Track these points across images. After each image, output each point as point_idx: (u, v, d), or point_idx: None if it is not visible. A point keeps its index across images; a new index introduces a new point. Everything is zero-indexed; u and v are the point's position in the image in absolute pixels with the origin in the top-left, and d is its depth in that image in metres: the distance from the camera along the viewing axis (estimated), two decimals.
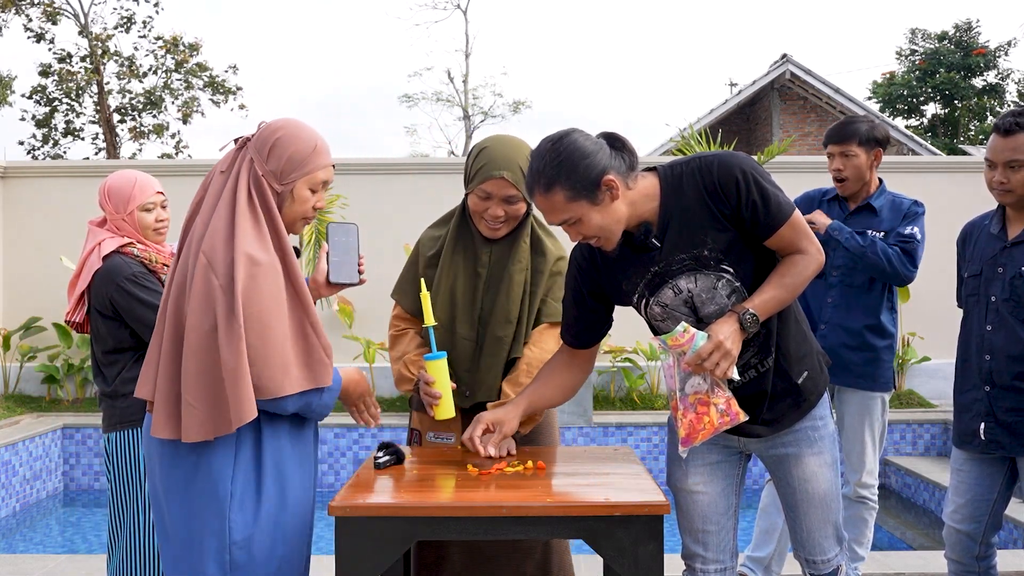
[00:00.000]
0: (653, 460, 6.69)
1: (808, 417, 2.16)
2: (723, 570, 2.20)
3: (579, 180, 1.91)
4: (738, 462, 2.24)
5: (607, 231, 1.98)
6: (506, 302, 2.44)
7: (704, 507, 2.19)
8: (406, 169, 8.27)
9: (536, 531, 1.88)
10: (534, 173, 1.95)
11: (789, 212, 1.99)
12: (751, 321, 1.96)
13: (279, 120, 2.02)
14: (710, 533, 2.19)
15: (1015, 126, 2.53)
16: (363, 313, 7.73)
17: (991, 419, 2.62)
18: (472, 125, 21.73)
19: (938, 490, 5.68)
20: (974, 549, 2.69)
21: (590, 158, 1.92)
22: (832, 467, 2.18)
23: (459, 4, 21.41)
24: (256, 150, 1.98)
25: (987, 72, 17.39)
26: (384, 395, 7.59)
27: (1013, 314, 2.59)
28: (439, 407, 2.32)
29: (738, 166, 1.96)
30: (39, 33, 16.22)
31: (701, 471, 2.19)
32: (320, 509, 2.07)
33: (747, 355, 2.07)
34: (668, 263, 2.02)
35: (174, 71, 16.98)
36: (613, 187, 1.94)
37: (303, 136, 1.99)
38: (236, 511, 1.91)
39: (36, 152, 17.10)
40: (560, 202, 1.93)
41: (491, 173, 2.37)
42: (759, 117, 17.03)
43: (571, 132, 1.96)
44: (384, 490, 2.01)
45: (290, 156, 1.97)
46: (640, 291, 2.08)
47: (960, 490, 2.72)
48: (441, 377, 2.32)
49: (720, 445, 2.18)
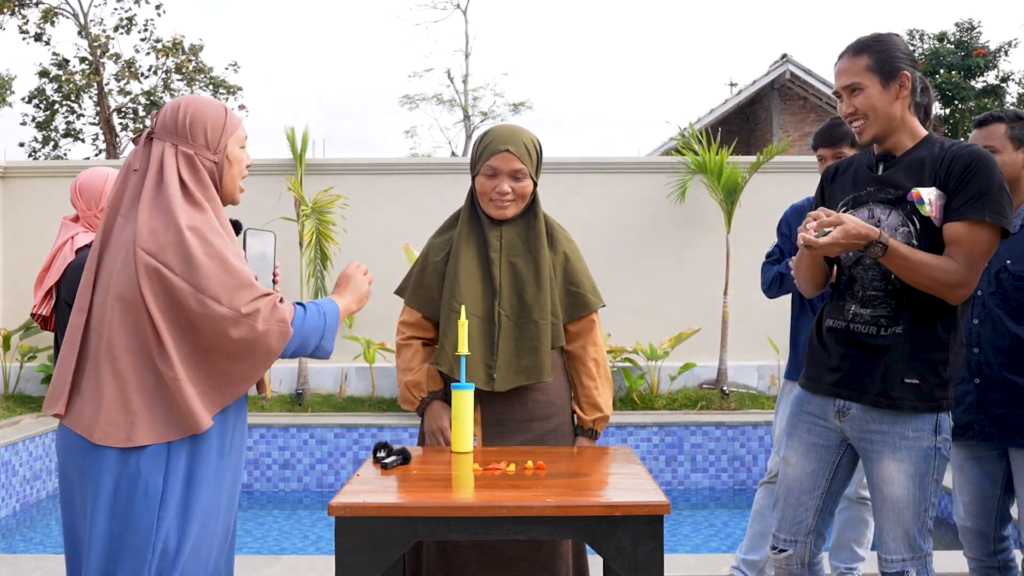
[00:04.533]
0: (653, 460, 6.69)
1: (902, 423, 2.21)
2: (792, 542, 2.33)
3: (885, 60, 2.23)
4: (837, 449, 2.32)
5: (874, 114, 2.23)
6: (535, 287, 2.49)
7: (790, 479, 2.34)
8: (406, 169, 8.27)
9: (536, 531, 1.88)
10: (855, 41, 2.28)
11: (978, 220, 2.13)
12: (879, 248, 2.10)
13: (175, 101, 2.00)
14: (789, 504, 2.34)
15: (991, 118, 2.73)
16: (363, 313, 7.72)
17: (981, 412, 2.67)
18: (472, 126, 21.74)
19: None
20: (988, 545, 2.77)
21: (902, 53, 2.24)
22: (912, 479, 2.20)
23: (459, 4, 21.41)
24: (175, 135, 1.95)
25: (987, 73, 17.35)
26: (384, 395, 7.59)
27: (1000, 307, 2.65)
28: (458, 439, 2.34)
29: (985, 157, 2.18)
30: (37, 33, 16.19)
31: (797, 447, 2.35)
32: (320, 509, 2.07)
33: (880, 309, 2.23)
34: (879, 190, 2.25)
35: (175, 72, 16.97)
36: (905, 84, 2.22)
37: (209, 104, 2.00)
38: (168, 519, 1.85)
39: (36, 154, 17.10)
40: (859, 67, 2.23)
41: (496, 148, 2.47)
42: (759, 117, 17.03)
43: (899, 35, 2.29)
44: (384, 490, 2.01)
45: (212, 124, 1.96)
46: (846, 202, 2.31)
47: (965, 489, 2.79)
48: (465, 408, 2.33)
49: (820, 426, 2.32)
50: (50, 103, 16.76)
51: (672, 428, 6.74)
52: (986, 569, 2.78)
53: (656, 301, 7.87)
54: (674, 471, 6.73)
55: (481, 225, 2.54)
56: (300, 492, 6.68)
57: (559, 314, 2.53)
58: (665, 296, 7.89)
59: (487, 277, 2.51)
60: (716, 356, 7.67)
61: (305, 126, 8.28)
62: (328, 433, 6.73)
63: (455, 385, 2.34)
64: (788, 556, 2.33)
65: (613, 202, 7.99)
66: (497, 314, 2.49)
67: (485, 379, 2.46)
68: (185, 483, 1.86)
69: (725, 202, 7.58)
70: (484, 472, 2.13)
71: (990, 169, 2.15)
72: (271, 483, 6.74)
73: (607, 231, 7.81)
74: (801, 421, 2.36)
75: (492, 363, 2.47)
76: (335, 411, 7.28)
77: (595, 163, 8.19)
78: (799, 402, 2.39)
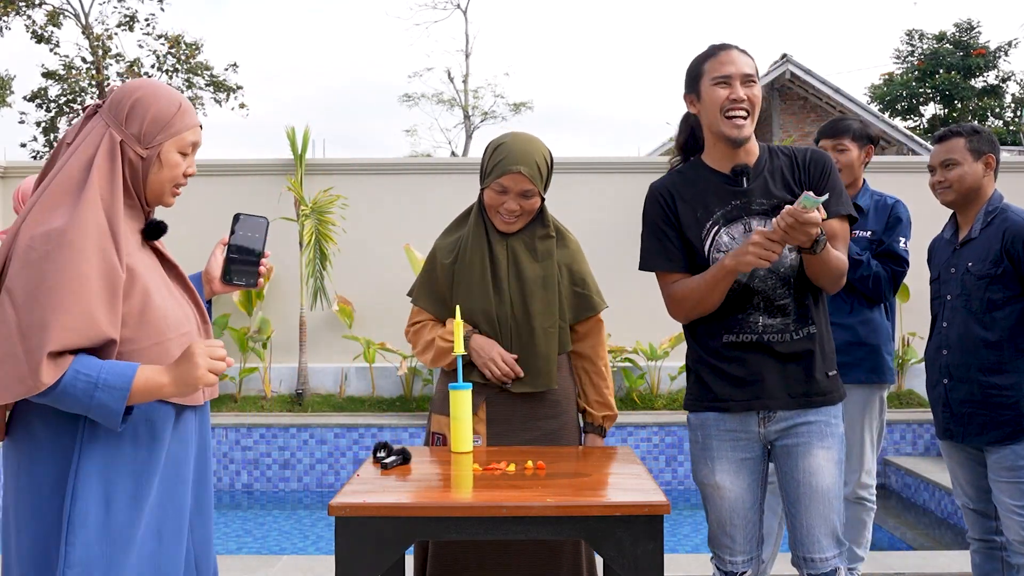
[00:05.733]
0: (653, 460, 6.69)
1: (824, 412, 2.25)
2: (750, 560, 2.30)
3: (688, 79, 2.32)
4: (762, 458, 2.31)
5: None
6: (543, 293, 2.50)
7: (731, 502, 2.27)
8: (406, 169, 8.27)
9: (536, 531, 1.88)
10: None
11: (847, 213, 2.27)
12: (822, 244, 2.12)
13: (135, 81, 1.83)
14: (737, 527, 2.28)
15: (950, 133, 2.87)
16: (363, 313, 7.74)
17: (947, 410, 2.82)
18: (472, 125, 21.73)
19: (938, 490, 5.68)
20: (990, 524, 2.85)
21: None
22: (838, 465, 2.24)
23: (459, 4, 21.41)
24: (112, 114, 1.76)
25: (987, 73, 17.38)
26: (384, 395, 7.59)
27: (965, 308, 2.77)
28: (457, 438, 2.34)
29: (828, 158, 2.31)
30: (40, 35, 16.21)
31: (727, 468, 2.27)
32: (320, 509, 2.07)
33: (786, 317, 2.25)
34: (749, 202, 2.25)
35: (176, 69, 16.98)
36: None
37: (165, 95, 1.79)
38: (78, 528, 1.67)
39: (39, 157, 17.10)
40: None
41: (509, 168, 2.44)
42: (759, 117, 17.04)
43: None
44: (384, 490, 2.01)
45: (153, 117, 1.76)
46: (716, 219, 2.27)
47: (958, 473, 2.91)
48: (464, 408, 2.33)
49: (743, 440, 2.27)
50: (55, 104, 16.76)
51: (672, 428, 6.74)
52: (988, 549, 2.87)
53: (656, 301, 7.80)
54: (674, 471, 6.73)
55: (488, 232, 2.55)
56: (300, 492, 6.67)
57: (566, 317, 2.55)
58: None
59: (495, 284, 2.51)
60: None
61: (305, 126, 8.28)
62: (328, 433, 6.73)
63: (453, 385, 2.34)
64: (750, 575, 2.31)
65: (613, 202, 7.99)
66: (505, 321, 2.49)
67: (497, 386, 2.49)
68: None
69: None
70: (484, 472, 2.13)
71: (827, 158, 2.31)
72: (271, 483, 6.74)
73: (607, 231, 7.80)
74: (722, 442, 2.27)
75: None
76: (335, 411, 7.28)
77: (595, 163, 8.19)
78: (709, 427, 2.29)
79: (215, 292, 2.04)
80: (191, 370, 1.70)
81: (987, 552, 2.86)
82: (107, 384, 1.62)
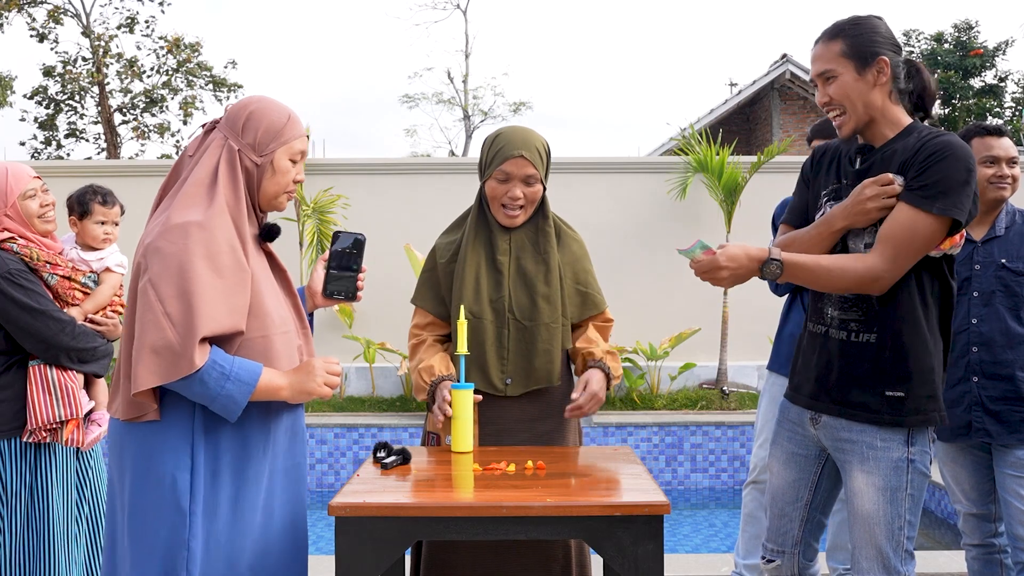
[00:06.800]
0: (653, 460, 6.69)
1: (869, 432, 2.08)
2: (780, 553, 2.29)
3: (861, 43, 2.07)
4: (817, 459, 2.25)
5: (853, 105, 2.08)
6: (546, 288, 2.48)
7: (774, 489, 2.30)
8: (406, 169, 8.27)
9: (536, 531, 1.88)
10: (832, 24, 2.12)
11: (925, 210, 1.99)
12: (775, 265, 2.01)
13: (248, 97, 2.02)
14: (775, 515, 2.30)
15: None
16: (363, 313, 7.74)
17: (980, 409, 2.74)
18: (472, 125, 21.73)
19: (938, 490, 5.68)
20: (990, 527, 2.84)
21: (880, 37, 2.08)
22: (882, 492, 2.06)
23: (459, 4, 21.40)
24: (228, 126, 1.95)
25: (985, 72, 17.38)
26: (384, 395, 7.59)
27: (1003, 304, 2.73)
28: (457, 438, 2.33)
29: (954, 147, 2.00)
30: (42, 33, 16.21)
31: (779, 456, 2.30)
32: (320, 509, 2.07)
33: (851, 313, 2.11)
34: (854, 185, 2.11)
35: (176, 71, 16.98)
36: (883, 70, 2.06)
37: (276, 107, 1.99)
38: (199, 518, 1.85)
39: (39, 154, 17.10)
40: (833, 52, 2.08)
41: (510, 153, 2.43)
42: (759, 117, 17.03)
43: (880, 18, 2.12)
44: (384, 490, 2.01)
45: (266, 127, 1.95)
46: (829, 194, 2.20)
47: (962, 477, 2.86)
48: (465, 408, 2.32)
49: (799, 435, 2.26)
50: (54, 102, 16.78)
51: (672, 428, 6.74)
52: (988, 554, 2.85)
53: (656, 301, 7.87)
54: (674, 471, 6.74)
55: (490, 228, 2.53)
56: None
57: (568, 315, 2.53)
58: (665, 296, 7.89)
59: (496, 280, 2.50)
60: (716, 356, 7.67)
61: (305, 126, 8.28)
62: (328, 433, 6.73)
63: (454, 385, 2.34)
64: (777, 566, 2.29)
65: (613, 202, 8.00)
66: (507, 317, 2.48)
67: (499, 384, 2.47)
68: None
69: (725, 202, 7.58)
70: (484, 472, 2.13)
71: (955, 160, 1.99)
72: None
73: (607, 231, 7.81)
74: (783, 429, 2.30)
75: (505, 368, 2.47)
76: (335, 411, 7.28)
77: (595, 163, 8.19)
78: (782, 409, 2.33)
79: (317, 306, 2.21)
80: (308, 380, 1.92)
81: (986, 557, 2.85)
82: (238, 377, 1.80)
